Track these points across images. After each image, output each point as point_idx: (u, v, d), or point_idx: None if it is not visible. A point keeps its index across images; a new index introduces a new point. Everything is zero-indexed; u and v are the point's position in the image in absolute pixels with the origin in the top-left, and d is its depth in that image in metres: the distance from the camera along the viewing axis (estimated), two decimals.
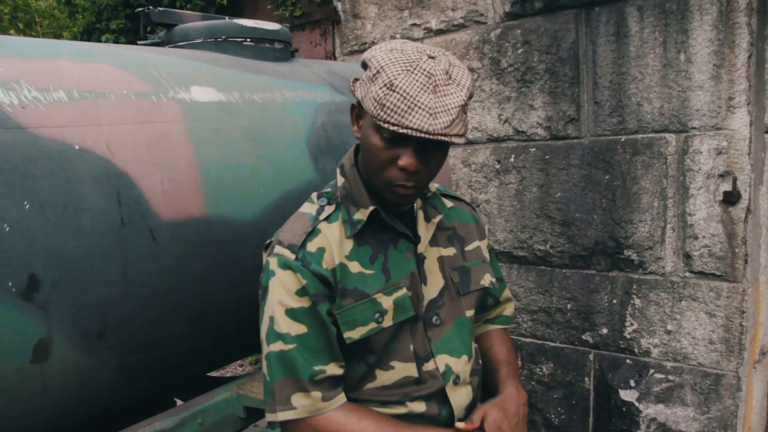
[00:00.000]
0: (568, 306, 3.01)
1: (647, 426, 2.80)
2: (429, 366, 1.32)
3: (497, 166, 3.18)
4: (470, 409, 1.38)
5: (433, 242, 1.40)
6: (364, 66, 1.22)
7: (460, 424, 1.29)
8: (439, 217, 1.40)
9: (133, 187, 1.47)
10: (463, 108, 1.17)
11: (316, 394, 1.23)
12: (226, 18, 2.24)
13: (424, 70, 1.13)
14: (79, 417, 1.57)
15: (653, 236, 2.71)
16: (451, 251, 1.42)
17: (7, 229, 1.26)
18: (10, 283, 1.26)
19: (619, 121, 2.76)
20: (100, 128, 1.46)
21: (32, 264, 1.29)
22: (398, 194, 1.23)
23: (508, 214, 3.16)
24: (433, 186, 1.48)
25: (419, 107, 1.11)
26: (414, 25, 3.46)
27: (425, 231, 1.37)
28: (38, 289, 1.31)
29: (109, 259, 1.43)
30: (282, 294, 1.23)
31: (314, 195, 1.38)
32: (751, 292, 2.55)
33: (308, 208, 1.35)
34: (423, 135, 1.12)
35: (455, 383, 1.34)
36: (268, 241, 1.37)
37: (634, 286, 2.80)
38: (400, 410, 1.29)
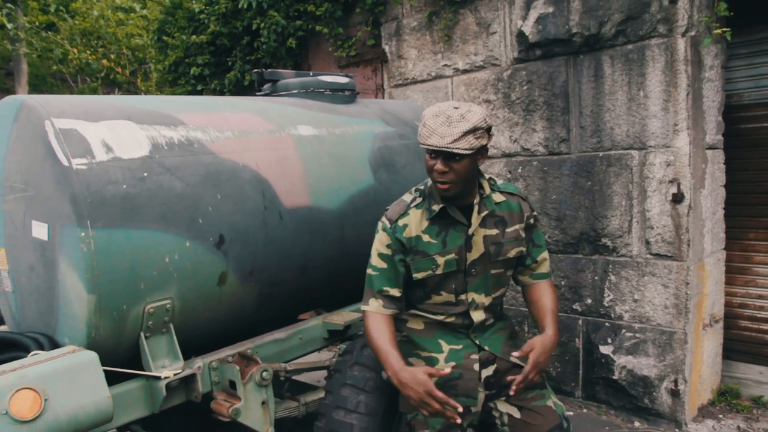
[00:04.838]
0: (563, 283, 3.92)
1: (619, 372, 3.68)
2: (462, 297, 2.17)
3: (509, 176, 4.12)
4: (482, 323, 2.20)
5: (482, 225, 2.14)
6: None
7: (515, 353, 2.08)
8: (486, 212, 2.13)
9: (270, 187, 2.49)
10: (467, 133, 1.91)
11: (380, 301, 2.15)
12: (311, 73, 3.26)
13: (445, 113, 1.95)
14: (235, 326, 2.58)
15: (622, 227, 3.61)
16: (494, 232, 2.16)
17: (210, 209, 2.29)
18: (210, 239, 2.29)
19: (598, 141, 3.68)
20: (251, 152, 2.48)
21: (221, 228, 2.32)
22: (440, 188, 2.03)
23: None
24: (488, 189, 2.18)
25: (436, 134, 1.92)
26: (445, 65, 4.44)
27: (475, 219, 2.12)
28: (223, 242, 2.33)
29: (257, 229, 2.45)
30: (378, 244, 2.16)
31: (412, 189, 2.22)
32: (694, 268, 3.43)
33: (407, 197, 2.19)
34: (435, 147, 1.93)
35: (475, 308, 2.18)
36: (386, 209, 2.20)
37: (610, 266, 3.70)
38: (442, 318, 2.19)
